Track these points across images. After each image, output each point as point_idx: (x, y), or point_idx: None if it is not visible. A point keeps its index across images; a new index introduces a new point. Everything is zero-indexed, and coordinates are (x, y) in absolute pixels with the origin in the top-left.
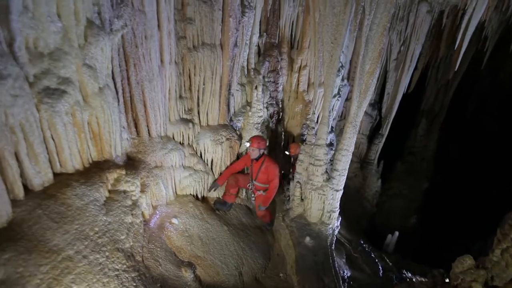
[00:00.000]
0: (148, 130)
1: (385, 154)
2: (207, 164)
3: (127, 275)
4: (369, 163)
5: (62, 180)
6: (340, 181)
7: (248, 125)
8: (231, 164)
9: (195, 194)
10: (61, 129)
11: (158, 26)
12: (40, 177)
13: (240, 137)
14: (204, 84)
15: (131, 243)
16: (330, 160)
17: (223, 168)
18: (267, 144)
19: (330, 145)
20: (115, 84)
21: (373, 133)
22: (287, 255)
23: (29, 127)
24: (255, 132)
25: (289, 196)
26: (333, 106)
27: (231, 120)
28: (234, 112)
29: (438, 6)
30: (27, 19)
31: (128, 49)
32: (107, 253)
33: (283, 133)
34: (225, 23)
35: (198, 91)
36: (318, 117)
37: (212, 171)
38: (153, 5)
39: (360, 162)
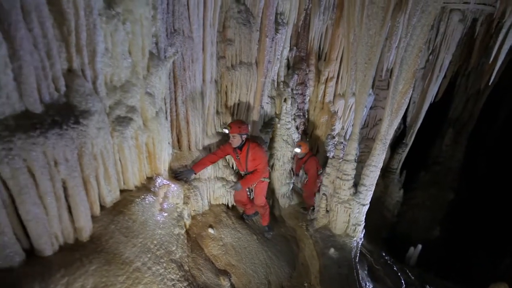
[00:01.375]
0: (189, 144)
1: (408, 163)
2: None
3: (180, 285)
4: (391, 172)
5: (126, 196)
6: (367, 195)
7: (277, 137)
8: (208, 154)
9: (226, 204)
10: (127, 152)
11: (203, 49)
12: (111, 195)
13: (269, 149)
14: (239, 100)
15: (180, 254)
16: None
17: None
18: (249, 128)
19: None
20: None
21: (396, 142)
22: (311, 265)
23: (106, 153)
24: (284, 144)
25: (312, 206)
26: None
27: (260, 131)
28: (264, 123)
29: (471, 15)
30: (107, 59)
31: (177, 73)
32: (164, 264)
33: (307, 142)
34: (262, 42)
35: (233, 106)
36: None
37: None
38: (200, 31)
39: (381, 170)
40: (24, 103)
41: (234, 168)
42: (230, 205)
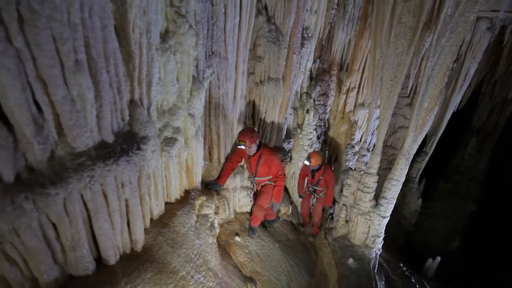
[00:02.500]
0: (219, 156)
1: (427, 171)
2: None
3: None
4: (410, 181)
5: (169, 209)
6: (387, 208)
7: (298, 147)
8: (225, 163)
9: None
10: (172, 169)
11: (236, 68)
12: (158, 208)
13: (291, 158)
14: (265, 113)
15: (214, 262)
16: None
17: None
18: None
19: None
20: None
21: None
22: (329, 273)
23: (157, 172)
24: (305, 154)
25: (331, 214)
26: (376, 126)
27: (283, 141)
28: (286, 134)
29: (500, 23)
30: (159, 87)
31: (212, 91)
32: (203, 273)
33: (327, 151)
34: (289, 58)
35: (259, 118)
36: (361, 138)
37: None
38: (234, 51)
39: None
40: (101, 135)
41: None
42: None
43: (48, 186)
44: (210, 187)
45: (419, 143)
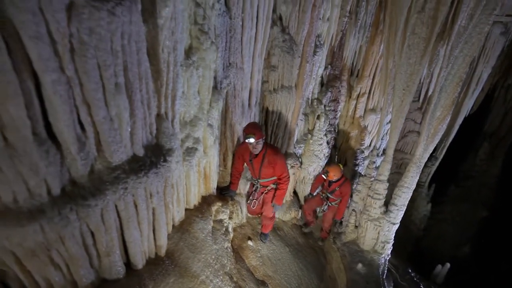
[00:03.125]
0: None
1: (437, 176)
2: None
3: None
4: (419, 186)
5: (188, 215)
6: (398, 215)
7: (308, 152)
8: (232, 169)
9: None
10: (192, 177)
11: (251, 77)
12: (179, 215)
13: (301, 164)
14: (278, 119)
15: (229, 266)
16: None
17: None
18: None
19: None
20: None
21: None
22: (338, 278)
23: (180, 181)
24: (315, 159)
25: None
26: (387, 131)
27: (293, 147)
28: (297, 139)
29: None
30: (182, 100)
31: (229, 100)
32: (221, 277)
33: (336, 156)
34: (302, 67)
35: (272, 124)
36: (371, 143)
37: None
38: (250, 62)
39: None
40: (133, 149)
41: None
42: None
43: (89, 198)
44: (225, 193)
45: (431, 151)
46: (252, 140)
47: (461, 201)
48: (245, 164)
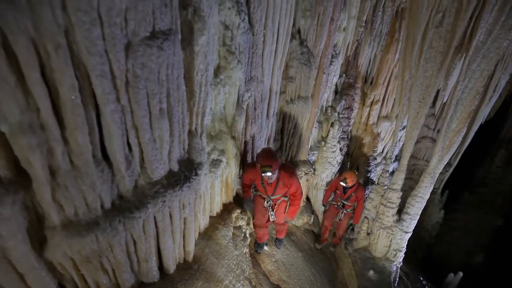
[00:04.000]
0: None
1: (451, 182)
2: None
3: None
4: (432, 192)
5: (212, 223)
6: (410, 224)
7: (322, 159)
8: (241, 183)
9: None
10: (216, 187)
11: (270, 89)
12: (204, 222)
13: (314, 170)
14: (294, 128)
15: (248, 271)
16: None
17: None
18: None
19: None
20: None
21: None
22: (349, 284)
23: (206, 192)
24: (329, 166)
25: (351, 225)
26: (400, 137)
27: (307, 154)
28: (310, 146)
29: None
30: (210, 115)
31: (249, 112)
32: (242, 282)
33: (348, 162)
34: (318, 78)
35: (288, 133)
36: (383, 149)
37: None
38: (269, 74)
39: None
40: (170, 165)
41: None
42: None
43: (134, 211)
44: (245, 205)
45: (446, 162)
46: (269, 174)
47: (475, 209)
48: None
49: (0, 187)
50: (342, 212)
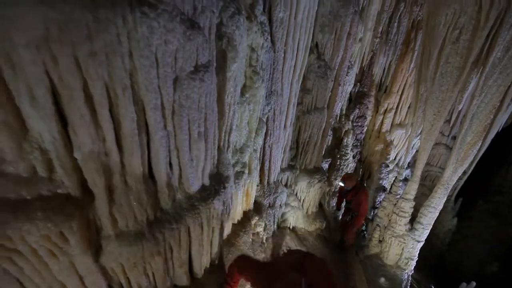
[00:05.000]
0: (268, 178)
1: (465, 189)
2: (300, 201)
3: None
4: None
5: (234, 230)
6: (423, 233)
7: (335, 166)
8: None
9: (289, 226)
10: (239, 197)
11: (288, 101)
12: (227, 229)
13: (328, 178)
14: (309, 137)
15: None
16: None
17: (312, 205)
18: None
19: (406, 180)
20: None
21: None
22: None
23: (231, 202)
24: (341, 173)
25: (363, 231)
26: (413, 144)
27: (321, 161)
28: (324, 154)
29: None
30: (235, 131)
31: (268, 124)
32: None
33: (361, 169)
34: (334, 89)
35: (303, 142)
36: (396, 156)
37: (302, 207)
38: (288, 88)
39: None
40: (203, 180)
41: (299, 196)
42: (291, 227)
43: (172, 222)
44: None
45: (460, 174)
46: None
47: (490, 217)
48: None
49: (71, 204)
50: (350, 215)
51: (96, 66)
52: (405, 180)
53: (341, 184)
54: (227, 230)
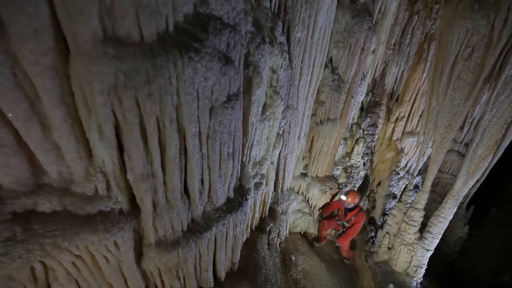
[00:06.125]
0: (282, 186)
1: (477, 197)
2: (311, 207)
3: None
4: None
5: (252, 236)
6: (432, 242)
7: (345, 174)
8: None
9: (301, 232)
10: (257, 206)
11: (303, 114)
12: (246, 236)
13: (338, 186)
14: (321, 147)
15: (280, 279)
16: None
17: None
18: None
19: (416, 187)
20: None
21: None
22: None
23: (250, 211)
24: (352, 181)
25: (372, 237)
26: (424, 152)
27: (332, 169)
28: (335, 162)
29: None
30: (255, 147)
31: (284, 137)
32: None
33: (371, 176)
34: (347, 101)
35: (315, 152)
36: (407, 164)
37: (313, 213)
38: (303, 102)
39: None
40: (228, 194)
41: (310, 203)
42: (302, 232)
43: (202, 232)
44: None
45: (470, 186)
46: (344, 198)
47: (503, 226)
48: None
49: (122, 217)
50: (342, 230)
51: (152, 104)
52: (416, 187)
53: (343, 198)
54: (246, 236)
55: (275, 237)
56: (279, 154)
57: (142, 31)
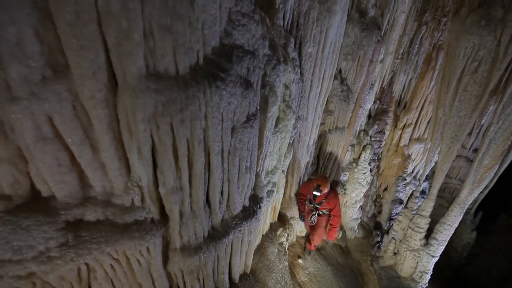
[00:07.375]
0: (290, 192)
1: (485, 203)
2: None
3: None
4: (464, 212)
5: (262, 241)
6: (438, 249)
7: (352, 179)
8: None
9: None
10: (268, 212)
11: (312, 123)
12: (257, 241)
13: (345, 190)
14: (329, 154)
15: (288, 282)
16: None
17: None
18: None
19: (423, 192)
20: None
21: None
22: None
23: (262, 217)
24: (358, 186)
25: (377, 242)
26: (432, 159)
27: (340, 175)
28: (342, 168)
29: None
30: (268, 157)
31: (294, 144)
32: None
33: (377, 181)
34: (355, 110)
35: (323, 158)
36: (413, 170)
37: None
38: (313, 112)
39: None
40: (243, 202)
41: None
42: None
43: (221, 238)
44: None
45: (476, 195)
46: (318, 194)
47: (511, 232)
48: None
49: (154, 225)
50: (315, 214)
51: (184, 128)
52: (423, 193)
53: (317, 193)
54: (257, 241)
55: (284, 241)
56: (289, 163)
57: (177, 66)
